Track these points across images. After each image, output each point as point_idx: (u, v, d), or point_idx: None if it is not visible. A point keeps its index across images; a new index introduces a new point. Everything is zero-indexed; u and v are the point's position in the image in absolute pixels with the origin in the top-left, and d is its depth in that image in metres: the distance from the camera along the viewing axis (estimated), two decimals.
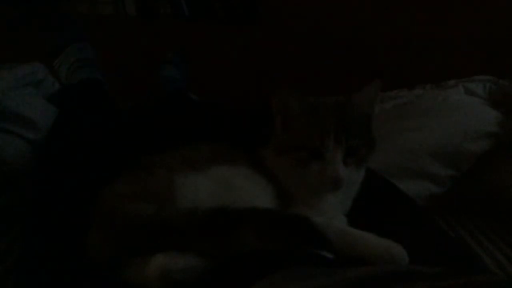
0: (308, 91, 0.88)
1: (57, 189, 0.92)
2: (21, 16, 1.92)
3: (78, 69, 1.51)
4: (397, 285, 0.45)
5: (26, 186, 1.04)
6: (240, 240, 0.63)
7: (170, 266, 0.61)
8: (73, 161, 1.00)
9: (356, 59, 2.01)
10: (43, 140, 1.17)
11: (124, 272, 0.66)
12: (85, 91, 1.41)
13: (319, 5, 2.05)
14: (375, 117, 0.83)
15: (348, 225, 0.79)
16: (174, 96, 1.62)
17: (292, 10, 2.08)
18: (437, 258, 0.74)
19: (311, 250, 0.66)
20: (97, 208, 0.73)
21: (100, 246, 0.69)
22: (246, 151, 0.87)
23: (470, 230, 1.28)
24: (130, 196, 0.71)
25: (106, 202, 0.72)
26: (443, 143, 1.39)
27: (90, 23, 1.82)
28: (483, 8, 1.95)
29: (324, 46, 2.03)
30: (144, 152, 0.86)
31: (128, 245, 0.66)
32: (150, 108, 1.49)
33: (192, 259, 0.62)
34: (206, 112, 1.39)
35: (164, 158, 0.82)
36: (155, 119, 1.33)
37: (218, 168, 0.78)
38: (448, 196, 1.41)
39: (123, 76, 1.81)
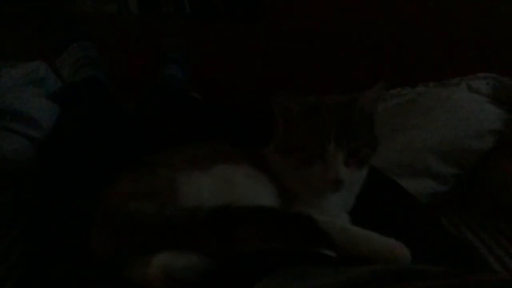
0: (311, 90, 0.88)
1: (59, 187, 0.92)
2: (24, 15, 1.93)
3: (80, 67, 1.51)
4: (400, 284, 0.45)
5: (28, 185, 1.04)
6: (243, 239, 0.63)
7: (172, 265, 0.61)
8: (75, 160, 1.00)
9: (358, 57, 2.00)
10: (45, 138, 1.17)
11: (126, 271, 0.66)
12: (87, 90, 1.42)
13: (321, 4, 2.05)
14: (377, 117, 0.83)
15: (350, 224, 0.79)
16: (176, 95, 1.62)
17: (295, 8, 2.08)
18: (440, 257, 0.74)
19: (314, 249, 0.66)
20: (99, 207, 0.73)
21: (102, 245, 0.69)
22: (248, 150, 0.87)
23: (473, 228, 1.28)
24: (132, 195, 0.71)
25: (108, 201, 0.72)
26: (446, 141, 1.39)
27: (93, 21, 1.82)
28: (485, 7, 1.95)
29: (327, 45, 2.03)
30: (147, 151, 0.86)
31: (130, 244, 0.66)
32: (153, 107, 1.49)
33: (194, 258, 0.62)
34: (208, 111, 1.39)
35: (166, 157, 0.82)
36: (158, 118, 1.33)
37: (220, 167, 0.78)
38: (451, 194, 1.41)
39: (125, 74, 1.81)
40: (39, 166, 1.08)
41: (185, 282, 0.60)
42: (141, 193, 0.72)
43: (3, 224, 1.05)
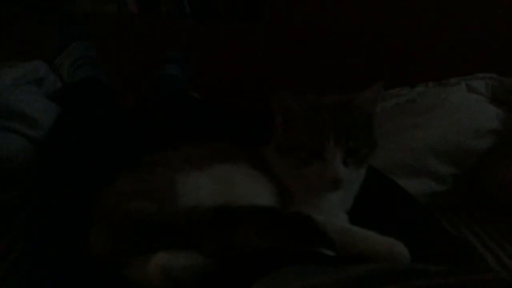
0: (310, 90, 0.88)
1: (59, 187, 0.92)
2: (24, 14, 1.93)
3: (80, 67, 1.51)
4: (399, 283, 0.45)
5: (28, 185, 1.04)
6: (242, 238, 0.63)
7: (171, 264, 0.61)
8: (74, 160, 1.00)
9: (357, 57, 2.00)
10: (44, 138, 1.17)
11: (126, 270, 0.66)
12: (87, 90, 1.42)
13: (321, 3, 2.05)
14: (376, 117, 0.83)
15: (349, 223, 0.79)
16: (175, 94, 1.62)
17: (294, 8, 2.08)
18: (439, 256, 0.74)
19: (313, 249, 0.66)
20: (99, 207, 0.73)
21: (101, 245, 0.69)
22: (248, 150, 0.87)
23: (472, 228, 1.28)
24: (132, 195, 0.71)
25: (108, 201, 0.72)
26: (445, 141, 1.39)
27: (92, 21, 1.82)
28: (485, 6, 1.95)
29: (326, 45, 2.03)
30: (146, 151, 0.86)
31: (129, 244, 0.66)
32: (152, 107, 1.49)
33: (193, 257, 0.62)
34: (208, 111, 1.39)
35: (165, 156, 0.82)
36: (157, 117, 1.33)
37: (219, 166, 0.78)
38: (450, 194, 1.41)
39: (124, 74, 1.81)
40: (39, 165, 1.08)
41: (185, 281, 0.60)
42: (141, 193, 0.72)
43: (3, 223, 1.05)
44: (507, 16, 1.93)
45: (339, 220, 0.79)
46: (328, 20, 2.04)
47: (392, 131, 1.44)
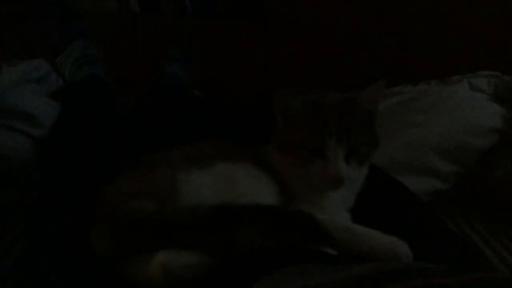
0: (312, 88, 0.87)
1: (60, 186, 0.92)
2: (25, 12, 1.93)
3: (81, 66, 1.51)
4: (401, 282, 0.44)
5: (30, 183, 1.04)
6: (243, 237, 0.63)
7: (172, 263, 0.61)
8: (76, 159, 1.00)
9: (359, 55, 2.00)
10: (45, 137, 1.17)
11: (127, 269, 0.66)
12: (88, 88, 1.41)
13: (322, 2, 2.04)
14: (378, 115, 0.83)
15: (351, 222, 0.79)
16: (177, 93, 1.62)
17: (295, 7, 2.07)
18: (441, 255, 0.74)
19: (314, 247, 0.65)
20: (100, 206, 0.73)
21: (102, 244, 0.69)
22: (249, 149, 0.87)
23: (475, 226, 1.28)
24: (133, 194, 0.71)
25: (109, 200, 0.72)
26: (448, 139, 1.39)
27: (94, 19, 1.81)
28: (487, 4, 1.94)
29: (328, 43, 2.02)
30: (147, 150, 0.85)
31: (131, 243, 0.66)
32: (153, 105, 1.49)
33: (194, 256, 0.62)
34: (209, 109, 1.38)
35: (167, 155, 0.82)
36: (158, 116, 1.33)
37: (221, 165, 0.78)
38: (452, 192, 1.40)
39: (125, 73, 1.81)
40: (40, 164, 1.08)
41: (185, 280, 0.60)
42: (142, 192, 0.72)
43: (4, 222, 1.05)
44: (510, 14, 1.92)
45: (341, 218, 0.79)
46: (330, 19, 2.04)
47: (394, 129, 1.43)
